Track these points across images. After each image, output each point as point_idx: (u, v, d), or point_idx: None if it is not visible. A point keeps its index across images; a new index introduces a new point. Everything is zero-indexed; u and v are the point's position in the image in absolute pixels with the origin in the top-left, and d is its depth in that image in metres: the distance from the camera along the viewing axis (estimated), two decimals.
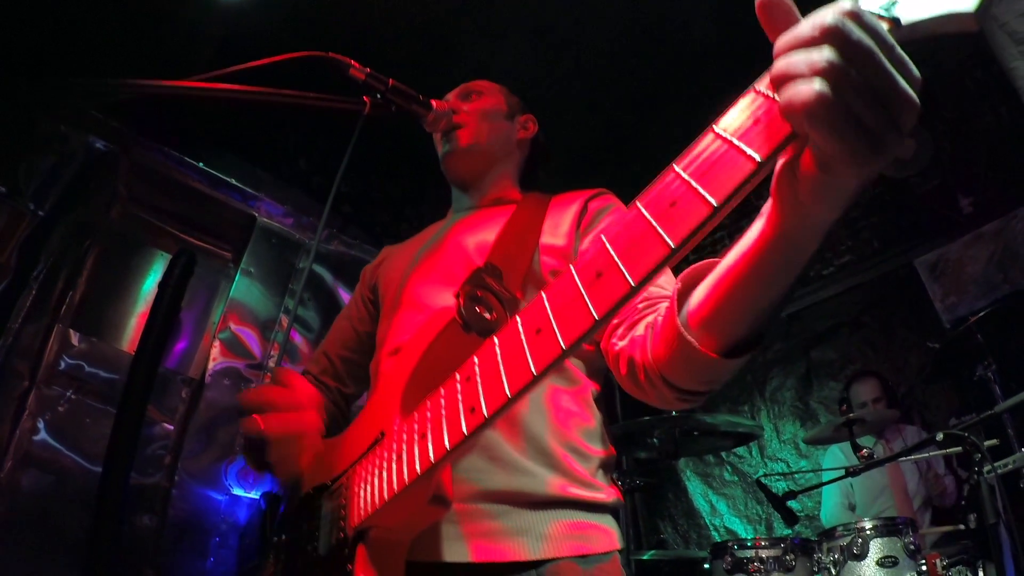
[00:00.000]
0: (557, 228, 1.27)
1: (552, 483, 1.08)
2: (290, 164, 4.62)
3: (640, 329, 0.96)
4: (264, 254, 4.20)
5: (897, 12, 0.56)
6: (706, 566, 2.88)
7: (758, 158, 0.54)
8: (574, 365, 1.21)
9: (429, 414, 0.83)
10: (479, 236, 1.31)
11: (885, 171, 0.55)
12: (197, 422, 3.67)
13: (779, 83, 0.53)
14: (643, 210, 0.61)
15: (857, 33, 0.50)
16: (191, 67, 4.01)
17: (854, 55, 0.50)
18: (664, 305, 0.87)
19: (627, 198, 1.40)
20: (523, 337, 0.70)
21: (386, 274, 1.44)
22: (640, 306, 1.02)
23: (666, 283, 1.07)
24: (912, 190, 4.36)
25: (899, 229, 4.40)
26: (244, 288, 4.06)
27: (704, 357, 0.75)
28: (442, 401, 0.82)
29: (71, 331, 3.49)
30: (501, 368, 0.72)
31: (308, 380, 1.47)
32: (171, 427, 3.66)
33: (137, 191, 3.96)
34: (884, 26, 0.53)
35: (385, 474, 0.88)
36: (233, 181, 4.12)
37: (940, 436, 2.23)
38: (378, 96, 1.31)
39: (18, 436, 3.20)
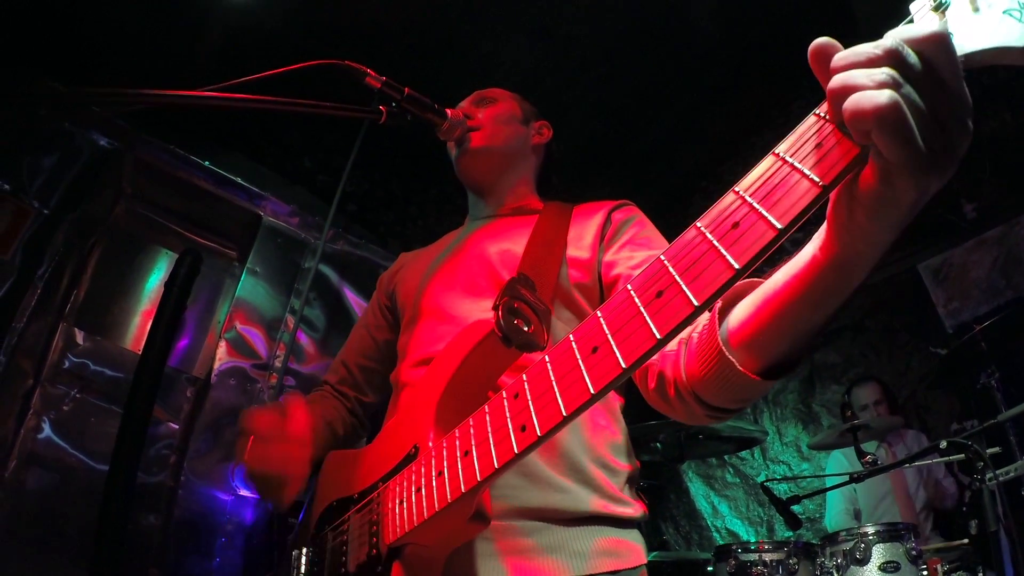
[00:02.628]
0: (581, 239, 1.26)
1: (586, 500, 1.08)
2: (295, 162, 4.61)
3: (672, 344, 0.93)
4: (270, 253, 4.19)
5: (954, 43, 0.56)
6: (710, 569, 2.89)
7: (822, 184, 0.56)
8: None
9: (473, 431, 0.82)
10: (502, 245, 1.30)
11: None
12: (203, 422, 3.66)
13: (841, 95, 0.54)
14: (705, 231, 0.61)
15: (913, 57, 0.53)
16: (195, 64, 4.00)
17: (913, 76, 0.52)
18: (702, 320, 0.85)
19: (632, 194, 1.41)
20: (578, 355, 0.69)
21: (404, 283, 1.42)
22: None
23: None
24: None
25: (903, 233, 4.41)
26: (250, 288, 4.05)
27: (744, 378, 0.75)
28: (487, 418, 0.80)
29: (76, 329, 3.50)
30: (555, 386, 0.71)
31: (324, 393, 1.46)
32: (176, 426, 3.66)
33: (142, 189, 3.96)
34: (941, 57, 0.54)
35: (424, 491, 0.86)
36: (239, 180, 4.11)
37: (944, 444, 2.24)
38: (393, 105, 1.29)
39: (23, 435, 3.20)
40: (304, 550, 1.11)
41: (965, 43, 0.56)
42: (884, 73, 0.52)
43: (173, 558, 3.37)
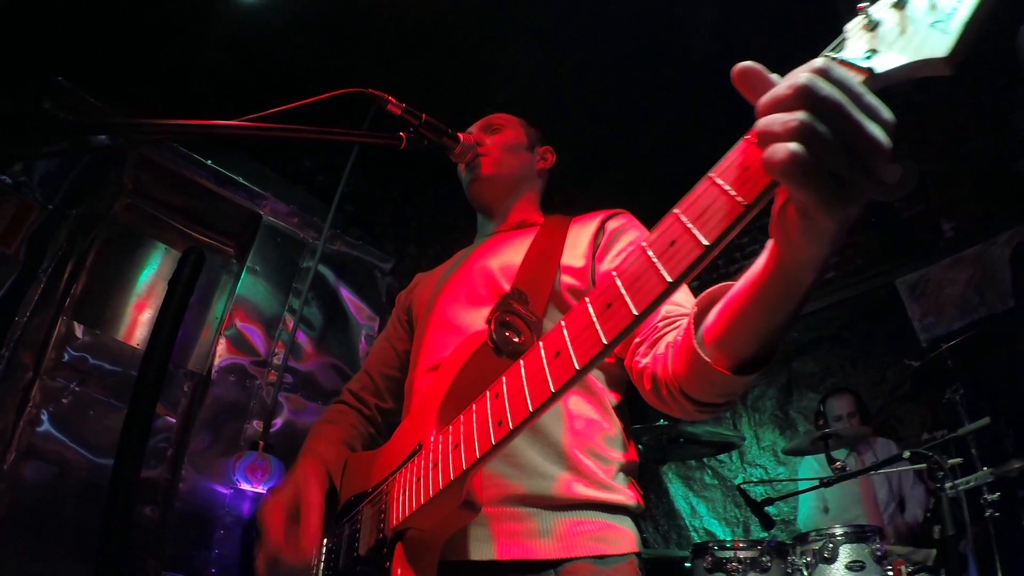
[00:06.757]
0: (576, 248, 1.34)
1: (571, 486, 1.14)
2: (295, 163, 4.69)
3: (661, 347, 1.03)
4: (269, 252, 4.27)
5: (875, 61, 0.59)
6: (687, 565, 3.03)
7: (744, 203, 0.61)
8: (594, 377, 1.28)
9: (463, 427, 0.93)
10: (503, 258, 1.39)
11: (873, 196, 0.62)
12: (203, 417, 3.73)
13: (761, 141, 0.58)
14: (647, 249, 0.69)
15: (826, 90, 0.55)
16: (202, 63, 4.02)
17: (824, 111, 0.54)
18: (683, 323, 0.93)
19: (628, 199, 1.50)
20: (544, 360, 0.80)
21: (418, 297, 1.54)
22: (660, 324, 1.09)
23: (685, 301, 1.13)
24: (897, 214, 4.51)
25: (882, 249, 4.55)
26: (250, 286, 4.13)
27: (717, 374, 0.81)
28: (474, 416, 0.91)
29: (75, 323, 3.54)
30: (525, 387, 0.81)
31: (343, 409, 1.56)
32: (173, 420, 3.72)
33: (143, 185, 4.01)
34: (855, 77, 0.57)
35: (422, 480, 0.98)
36: (240, 179, 4.18)
37: (907, 454, 2.40)
38: (411, 130, 1.38)
39: (22, 427, 3.24)
40: (324, 540, 1.23)
41: (893, 60, 0.58)
42: (795, 119, 0.55)
43: (172, 549, 3.43)
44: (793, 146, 0.54)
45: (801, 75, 0.56)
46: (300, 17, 4.10)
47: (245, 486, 3.58)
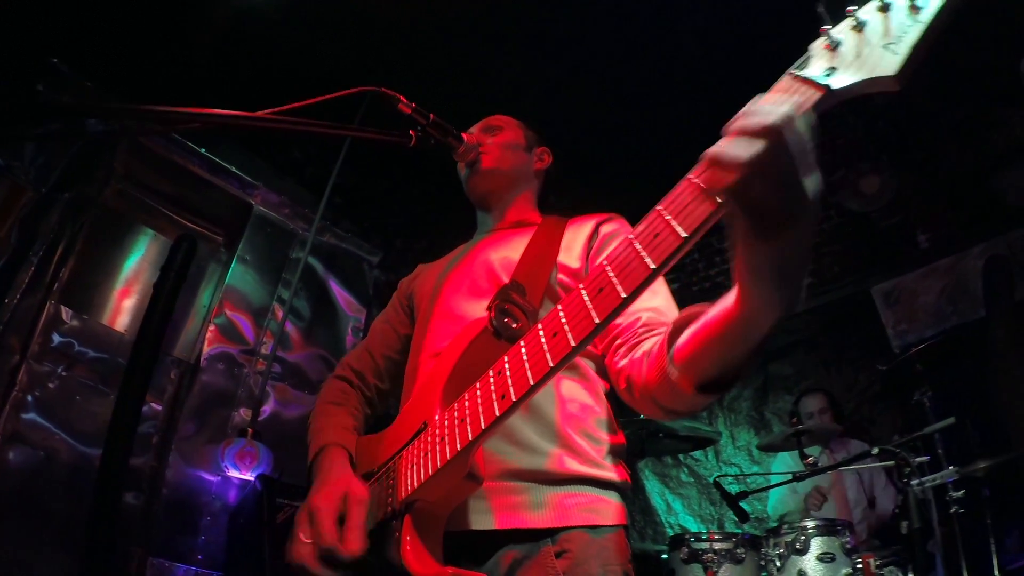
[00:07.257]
0: (571, 249, 1.43)
1: (563, 461, 1.23)
2: (285, 154, 4.72)
3: (638, 353, 1.12)
4: (259, 242, 4.30)
5: (833, 79, 0.68)
6: (664, 557, 3.12)
7: (684, 235, 0.73)
8: (587, 365, 1.37)
9: (467, 404, 1.01)
10: (503, 253, 1.47)
11: (851, 205, 0.71)
12: (192, 404, 3.75)
13: (713, 162, 0.68)
14: (634, 241, 0.79)
15: (785, 135, 0.64)
16: (200, 52, 4.00)
17: (776, 152, 0.64)
18: (659, 338, 1.05)
19: (614, 200, 1.57)
20: (543, 339, 0.90)
21: (420, 287, 1.61)
22: (640, 330, 1.19)
23: (666, 308, 1.24)
24: (874, 224, 4.64)
25: (859, 258, 4.68)
26: (239, 275, 4.15)
27: (682, 392, 0.93)
28: (478, 393, 0.99)
29: (63, 308, 3.53)
30: (526, 363, 0.91)
31: (346, 388, 1.59)
32: (159, 407, 3.72)
33: (133, 171, 4.00)
34: (808, 133, 0.66)
35: (429, 454, 1.06)
36: (233, 169, 4.20)
37: (876, 451, 2.52)
38: (419, 129, 1.44)
39: (7, 412, 3.22)
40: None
41: (849, 78, 0.67)
42: (752, 149, 0.64)
43: (159, 536, 3.44)
44: (743, 167, 0.64)
45: (771, 116, 0.65)
46: (297, 10, 4.13)
47: (233, 473, 3.60)
